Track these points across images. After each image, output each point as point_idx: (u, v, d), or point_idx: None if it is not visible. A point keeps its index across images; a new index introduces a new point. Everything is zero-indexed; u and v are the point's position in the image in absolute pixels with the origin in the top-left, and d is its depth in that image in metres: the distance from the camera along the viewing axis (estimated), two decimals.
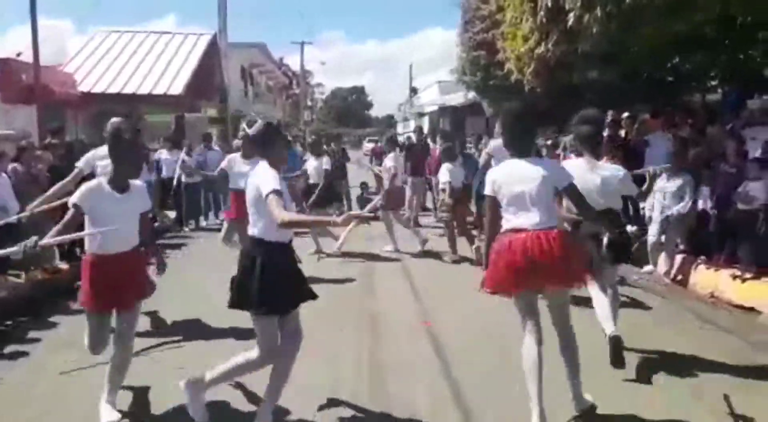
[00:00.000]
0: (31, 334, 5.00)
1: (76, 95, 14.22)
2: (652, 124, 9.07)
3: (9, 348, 4.70)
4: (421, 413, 3.54)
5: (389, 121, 64.86)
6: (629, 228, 8.23)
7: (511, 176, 3.30)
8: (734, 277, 5.95)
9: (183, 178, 10.20)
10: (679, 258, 6.88)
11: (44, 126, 10.38)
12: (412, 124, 34.14)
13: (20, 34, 11.99)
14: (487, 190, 3.38)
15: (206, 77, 17.76)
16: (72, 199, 3.29)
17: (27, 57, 11.64)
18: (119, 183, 3.34)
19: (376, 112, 77.82)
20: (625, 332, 4.95)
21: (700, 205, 6.75)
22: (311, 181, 8.30)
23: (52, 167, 7.33)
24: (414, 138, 12.02)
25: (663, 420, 3.45)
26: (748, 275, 5.86)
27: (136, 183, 3.48)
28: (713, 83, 11.43)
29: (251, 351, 3.24)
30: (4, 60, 11.97)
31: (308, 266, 7.22)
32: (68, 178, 4.86)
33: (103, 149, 4.59)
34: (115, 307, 3.42)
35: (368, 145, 31.62)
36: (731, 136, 7.09)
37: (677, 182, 6.77)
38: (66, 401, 3.73)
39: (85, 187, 3.34)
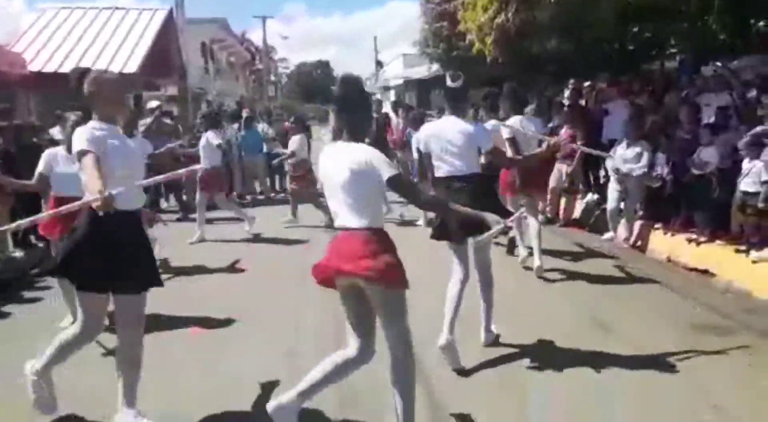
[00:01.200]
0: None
1: (26, 75, 13.68)
2: (610, 92, 9.15)
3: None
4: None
5: None
6: (589, 195, 8.42)
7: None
8: (689, 241, 6.09)
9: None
10: (637, 224, 7.01)
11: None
12: (379, 98, 33.88)
13: None
14: None
15: (163, 54, 17.23)
16: None
17: None
18: None
19: None
20: (584, 297, 5.08)
21: (658, 170, 6.86)
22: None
23: (2, 151, 7.06)
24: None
25: (608, 378, 3.54)
26: (702, 239, 6.00)
27: None
28: (672, 51, 11.55)
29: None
30: None
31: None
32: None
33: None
34: None
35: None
36: (686, 103, 7.18)
37: (635, 150, 6.86)
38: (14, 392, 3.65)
39: None
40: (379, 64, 45.28)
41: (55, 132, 8.96)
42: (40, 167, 4.65)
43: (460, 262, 3.84)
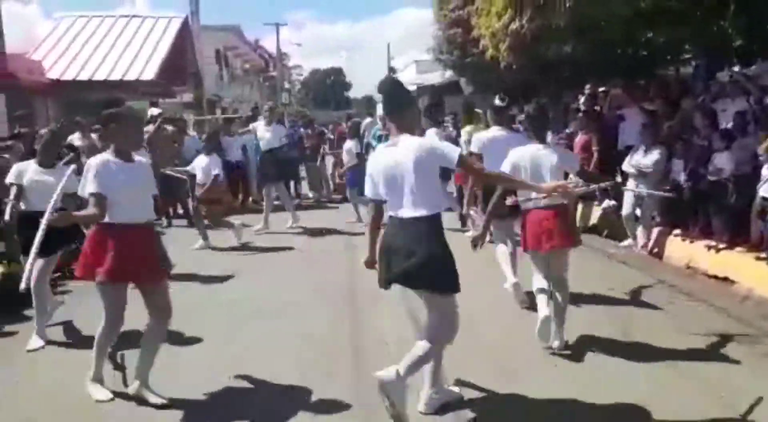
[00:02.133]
0: (5, 328, 4.92)
1: (44, 83, 13.89)
2: (623, 97, 9.11)
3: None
4: None
5: (368, 102, 64.35)
6: (606, 202, 8.37)
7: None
8: (709, 248, 6.04)
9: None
10: (655, 231, 6.96)
11: (12, 115, 10.15)
12: None
13: None
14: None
15: (179, 61, 17.43)
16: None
17: None
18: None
19: (354, 93, 77.12)
20: (603, 304, 5.05)
21: (674, 177, 6.82)
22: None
23: (24, 156, 7.16)
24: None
25: (633, 389, 3.51)
26: (722, 246, 5.95)
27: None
28: (687, 56, 11.47)
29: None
30: None
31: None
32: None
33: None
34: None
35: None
36: (702, 108, 7.13)
37: (652, 157, 6.83)
38: (39, 389, 3.70)
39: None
40: (392, 71, 45.34)
41: (75, 138, 9.08)
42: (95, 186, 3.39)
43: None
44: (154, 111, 10.21)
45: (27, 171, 4.55)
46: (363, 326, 4.67)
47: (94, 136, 9.61)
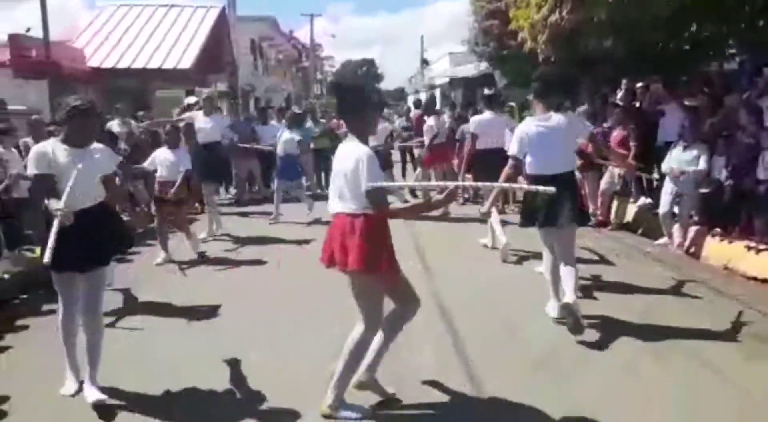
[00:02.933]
0: (45, 307, 5.07)
1: (85, 70, 14.20)
2: (664, 93, 8.91)
3: (23, 321, 4.80)
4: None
5: (400, 94, 64.22)
6: (642, 199, 8.22)
7: None
8: (749, 249, 5.89)
9: None
10: (692, 230, 6.81)
11: (55, 101, 10.39)
12: (423, 97, 33.79)
13: (29, 7, 11.90)
14: None
15: (215, 51, 17.64)
16: None
17: (37, 32, 11.62)
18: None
19: (386, 84, 76.95)
20: (639, 303, 4.97)
21: (715, 174, 6.66)
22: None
23: None
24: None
25: (671, 389, 3.46)
26: (763, 246, 5.79)
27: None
28: (731, 51, 11.15)
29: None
30: (14, 35, 11.95)
31: None
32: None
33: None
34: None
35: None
36: (747, 105, 6.93)
37: (692, 153, 6.68)
38: None
39: None
40: (425, 63, 45.14)
41: (114, 125, 9.28)
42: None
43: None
44: (190, 99, 10.33)
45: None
46: None
47: (132, 123, 9.84)
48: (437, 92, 31.27)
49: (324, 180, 12.28)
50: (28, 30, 12.25)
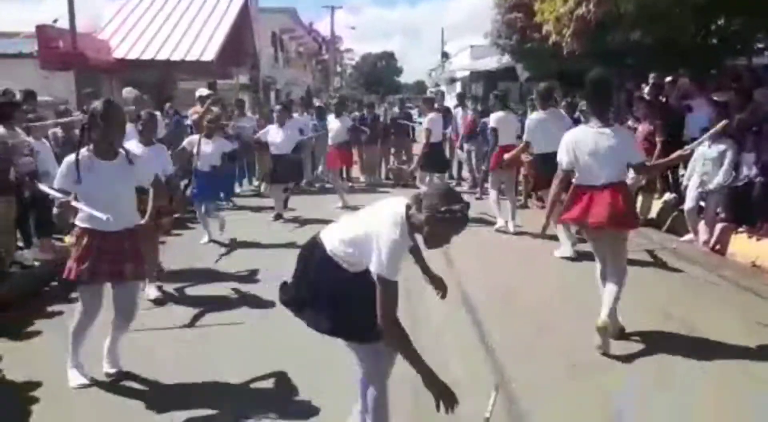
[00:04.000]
0: (74, 294, 5.15)
1: (110, 62, 14.36)
2: (691, 87, 8.78)
3: (52, 307, 4.90)
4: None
5: (420, 87, 64.09)
6: (667, 195, 8.12)
7: None
8: None
9: None
10: (718, 226, 6.72)
11: (81, 92, 10.53)
12: (443, 90, 33.62)
13: (56, 1, 12.04)
14: None
15: (237, 43, 17.72)
16: None
17: (64, 24, 11.77)
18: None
19: (405, 78, 76.86)
20: (666, 301, 4.93)
21: (744, 171, 6.55)
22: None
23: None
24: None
25: (704, 390, 3.44)
26: None
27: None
28: (759, 46, 10.96)
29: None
30: (41, 27, 12.11)
31: None
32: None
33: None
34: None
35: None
36: None
37: (719, 148, 6.58)
38: (101, 357, 3.87)
39: None
40: (445, 56, 44.93)
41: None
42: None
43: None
44: (202, 92, 10.30)
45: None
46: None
47: (157, 114, 9.92)
48: (457, 85, 31.09)
49: (345, 173, 12.30)
50: (55, 21, 12.40)
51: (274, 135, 8.36)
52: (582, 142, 4.01)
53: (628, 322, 4.27)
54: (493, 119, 7.73)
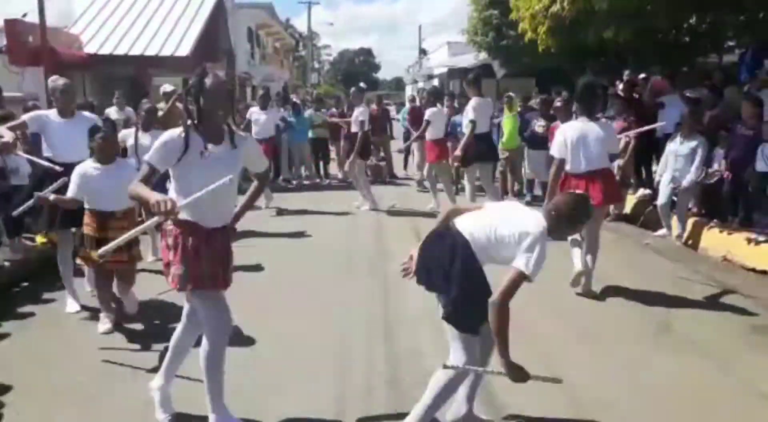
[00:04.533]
0: (45, 295, 5.06)
1: (82, 57, 14.05)
2: (662, 85, 8.91)
3: (22, 308, 4.79)
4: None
5: (398, 84, 64.14)
6: (641, 190, 8.24)
7: None
8: (749, 241, 5.92)
9: None
10: (690, 221, 6.84)
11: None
12: (421, 87, 33.70)
13: None
14: None
15: (213, 39, 17.46)
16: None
17: (34, 18, 11.49)
18: None
19: (383, 74, 76.94)
20: (639, 296, 4.99)
21: (715, 167, 6.67)
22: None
23: None
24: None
25: (671, 381, 3.49)
26: (762, 238, 5.83)
27: None
28: (730, 43, 11.16)
29: None
30: (10, 21, 11.79)
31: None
32: None
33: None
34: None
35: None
36: (748, 97, 6.94)
37: (690, 145, 6.68)
38: (73, 357, 3.83)
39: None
40: (423, 52, 45.03)
41: (111, 111, 9.21)
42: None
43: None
44: (167, 88, 10.00)
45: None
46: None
47: (129, 109, 9.76)
48: (435, 82, 31.16)
49: (323, 169, 12.27)
50: (24, 15, 12.10)
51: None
52: (573, 134, 4.85)
53: (601, 314, 4.32)
54: (428, 113, 8.32)
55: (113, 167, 4.22)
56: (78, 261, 4.67)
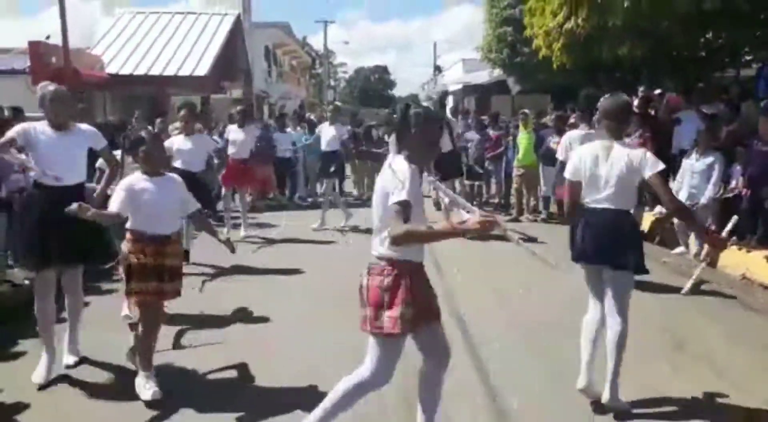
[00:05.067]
0: (63, 314, 5.06)
1: (104, 77, 14.36)
2: (677, 101, 8.87)
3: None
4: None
5: (413, 100, 64.22)
6: (658, 207, 8.15)
7: None
8: (767, 258, 5.83)
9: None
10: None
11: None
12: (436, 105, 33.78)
13: (50, 15, 12.04)
14: None
15: (231, 58, 17.77)
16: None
17: (57, 40, 11.79)
18: None
19: (399, 91, 77.20)
20: (658, 313, 4.93)
21: (733, 183, 6.61)
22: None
23: None
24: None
25: (688, 402, 3.43)
26: None
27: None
28: (747, 58, 11.09)
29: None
30: (34, 43, 12.10)
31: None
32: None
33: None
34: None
35: None
36: (765, 112, 6.88)
37: (706, 161, 6.62)
38: (93, 375, 3.85)
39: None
40: (438, 69, 45.19)
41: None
42: None
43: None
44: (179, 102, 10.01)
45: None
46: None
47: (149, 128, 9.93)
48: (450, 99, 31.26)
49: (338, 186, 12.30)
50: (47, 38, 12.40)
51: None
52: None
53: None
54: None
55: (162, 181, 3.61)
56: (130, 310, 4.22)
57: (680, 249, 7.04)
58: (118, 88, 14.59)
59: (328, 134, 8.91)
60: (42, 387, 3.63)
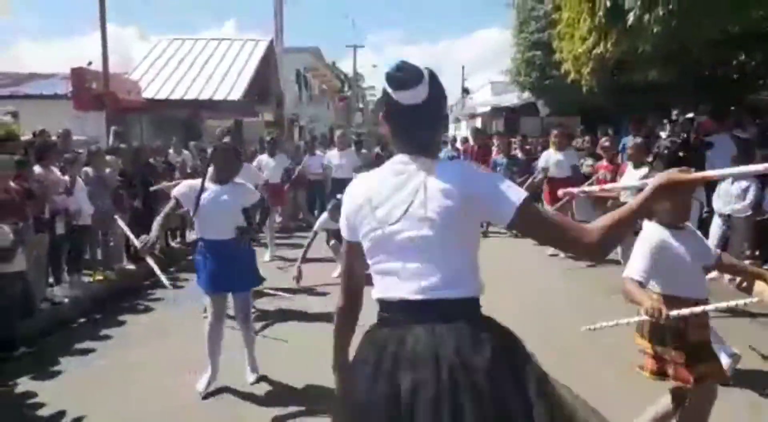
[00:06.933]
0: (102, 331, 5.27)
1: (141, 102, 14.82)
2: (709, 125, 8.77)
3: (80, 345, 4.97)
4: None
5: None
6: None
7: None
8: None
9: None
10: (745, 263, 6.63)
11: (112, 130, 10.87)
12: (463, 126, 33.89)
13: (89, 41, 12.51)
14: None
15: (263, 82, 18.17)
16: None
17: (97, 65, 12.25)
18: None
19: None
20: None
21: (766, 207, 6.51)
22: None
23: (121, 171, 7.69)
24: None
25: None
26: None
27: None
28: None
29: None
30: (76, 70, 12.59)
31: None
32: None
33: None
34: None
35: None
36: None
37: (741, 185, 6.54)
38: (130, 394, 3.96)
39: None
40: (466, 91, 45.33)
41: (169, 155, 9.68)
42: None
43: None
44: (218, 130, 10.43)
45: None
46: None
47: (186, 152, 10.21)
48: (478, 121, 31.30)
49: None
50: (89, 64, 12.89)
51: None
52: None
53: None
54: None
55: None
56: None
57: (714, 273, 6.86)
58: (154, 112, 15.02)
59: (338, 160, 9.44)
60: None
